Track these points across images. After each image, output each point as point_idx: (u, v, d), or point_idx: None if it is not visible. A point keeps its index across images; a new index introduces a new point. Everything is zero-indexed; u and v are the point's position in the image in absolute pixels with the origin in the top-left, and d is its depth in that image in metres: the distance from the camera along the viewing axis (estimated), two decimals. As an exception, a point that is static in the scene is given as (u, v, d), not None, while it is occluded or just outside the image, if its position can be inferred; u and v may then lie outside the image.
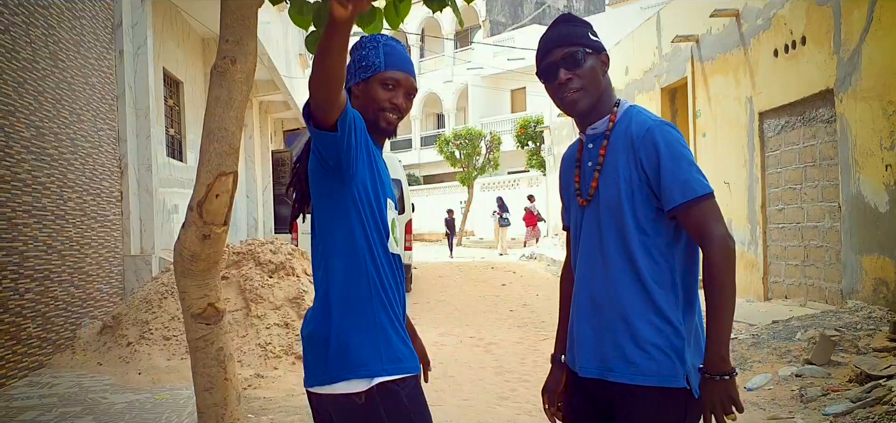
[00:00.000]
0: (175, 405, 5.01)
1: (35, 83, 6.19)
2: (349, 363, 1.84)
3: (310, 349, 1.93)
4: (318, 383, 1.88)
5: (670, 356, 1.83)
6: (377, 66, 2.01)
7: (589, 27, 2.03)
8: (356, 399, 1.83)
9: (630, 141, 1.91)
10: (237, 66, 3.17)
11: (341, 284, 1.89)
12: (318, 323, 1.91)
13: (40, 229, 6.21)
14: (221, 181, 3.10)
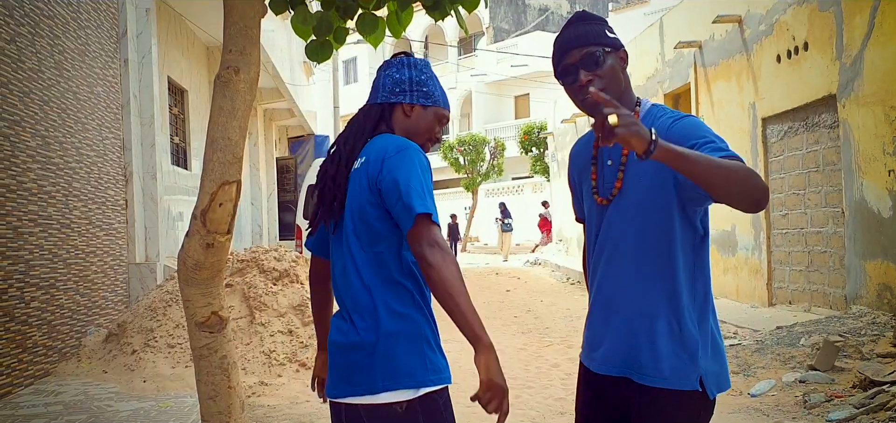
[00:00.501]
0: (179, 413, 5.03)
1: (40, 92, 6.23)
2: (396, 373, 1.87)
3: (347, 359, 1.94)
4: (358, 393, 1.90)
5: (683, 358, 1.84)
6: (436, 99, 2.13)
7: (605, 24, 2.01)
8: (397, 409, 1.86)
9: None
10: (240, 76, 3.19)
11: (389, 295, 1.93)
12: (362, 333, 1.92)
13: (46, 237, 6.24)
14: (225, 190, 3.12)
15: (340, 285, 2.03)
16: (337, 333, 2.01)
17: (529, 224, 25.71)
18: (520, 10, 34.97)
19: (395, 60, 2.16)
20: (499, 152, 27.78)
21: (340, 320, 2.02)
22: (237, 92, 3.18)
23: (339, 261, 2.04)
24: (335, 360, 1.98)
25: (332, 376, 1.99)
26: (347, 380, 1.92)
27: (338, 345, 1.98)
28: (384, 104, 2.10)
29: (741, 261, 9.94)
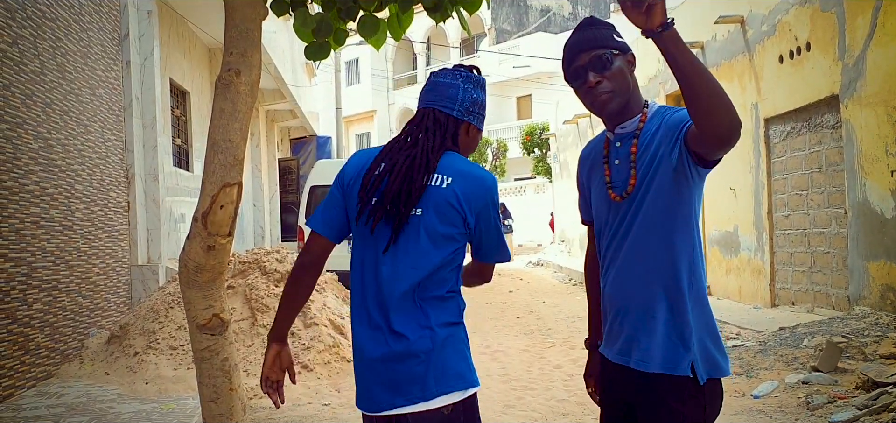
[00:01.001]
0: (181, 415, 5.03)
1: (43, 95, 6.24)
2: (448, 377, 1.95)
3: (396, 370, 1.95)
4: (412, 402, 1.93)
5: (676, 344, 1.92)
6: (481, 123, 2.18)
7: (613, 29, 2.08)
8: (444, 411, 1.94)
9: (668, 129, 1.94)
10: (241, 79, 3.20)
11: (443, 307, 2.00)
12: (417, 342, 1.95)
13: (48, 239, 6.25)
14: (226, 192, 3.12)
15: (383, 288, 1.99)
16: (376, 345, 1.98)
17: (532, 225, 25.69)
18: (522, 12, 34.96)
19: (474, 76, 2.15)
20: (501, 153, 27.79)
21: (375, 330, 1.99)
22: (238, 94, 3.19)
23: (382, 263, 2.00)
24: (376, 373, 1.97)
25: (373, 388, 1.98)
26: (397, 391, 1.94)
27: (381, 357, 1.97)
28: (459, 120, 2.10)
29: (744, 262, 9.92)
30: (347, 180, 2.09)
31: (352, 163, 2.12)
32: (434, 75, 2.16)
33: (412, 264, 1.98)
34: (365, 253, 2.05)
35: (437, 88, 2.12)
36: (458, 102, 2.09)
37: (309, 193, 11.03)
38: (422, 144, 2.03)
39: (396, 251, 1.99)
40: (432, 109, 2.09)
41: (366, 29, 3.58)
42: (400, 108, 37.37)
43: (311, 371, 5.93)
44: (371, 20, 3.54)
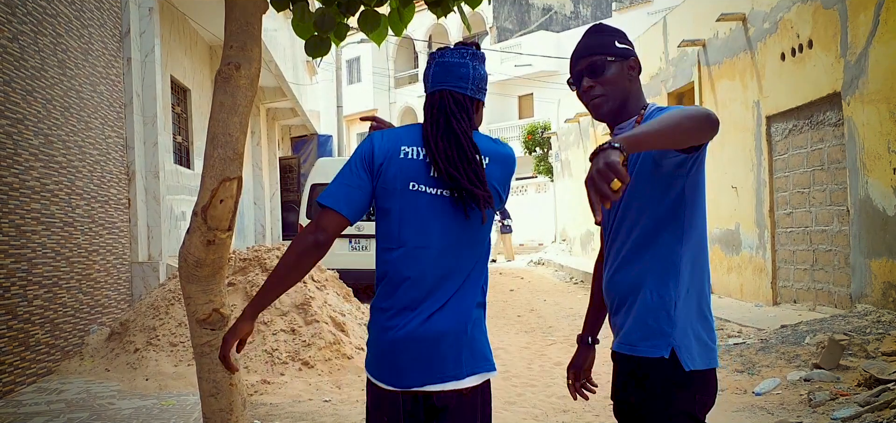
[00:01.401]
0: (181, 411, 5.02)
1: (44, 91, 6.23)
2: (478, 358, 2.06)
3: (441, 348, 2.01)
4: (443, 380, 2.01)
5: (653, 326, 1.97)
6: (485, 98, 2.26)
7: (616, 35, 2.14)
8: (464, 393, 2.03)
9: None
10: (241, 72, 3.18)
11: (473, 287, 2.08)
12: (454, 323, 2.03)
13: (49, 236, 6.24)
14: (226, 186, 3.11)
15: (432, 269, 2.03)
16: (408, 323, 2.02)
17: (533, 224, 25.68)
18: (523, 10, 34.93)
19: (479, 52, 2.19)
20: (502, 152, 27.71)
21: (407, 310, 2.03)
22: (238, 88, 3.17)
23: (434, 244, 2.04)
24: (407, 351, 2.02)
25: (401, 366, 2.02)
26: (428, 369, 2.01)
27: (428, 333, 2.01)
28: (473, 99, 2.15)
29: (745, 260, 9.90)
30: (379, 163, 2.07)
31: (379, 146, 2.09)
32: (440, 54, 2.17)
33: (469, 243, 2.07)
34: (409, 234, 2.05)
35: (446, 68, 2.13)
36: (470, 80, 2.13)
37: (310, 191, 11.03)
38: (456, 128, 2.06)
39: (452, 232, 2.05)
40: (449, 91, 2.11)
41: (367, 24, 3.56)
42: (401, 106, 37.35)
43: (311, 368, 5.92)
44: (372, 15, 3.53)
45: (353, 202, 2.05)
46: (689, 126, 1.79)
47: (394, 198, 2.06)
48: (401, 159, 2.06)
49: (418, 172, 2.05)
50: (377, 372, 2.08)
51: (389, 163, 2.06)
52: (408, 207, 2.05)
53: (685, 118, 1.78)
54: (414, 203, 2.05)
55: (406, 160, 2.06)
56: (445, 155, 2.03)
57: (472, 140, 2.06)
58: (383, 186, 2.06)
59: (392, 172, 2.05)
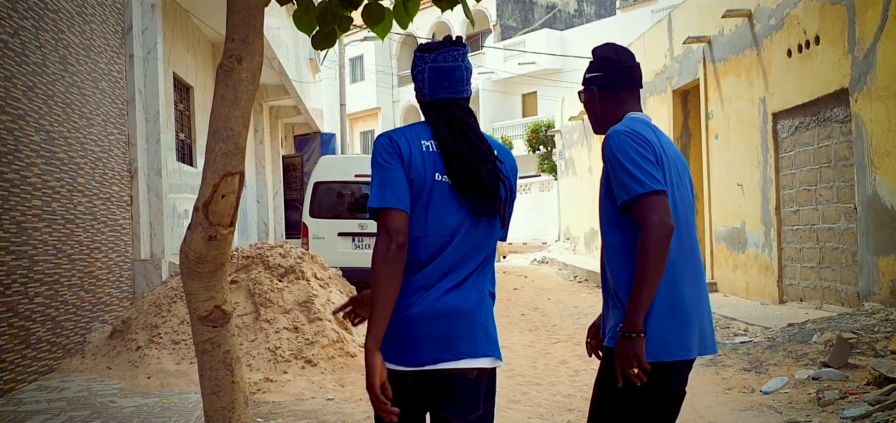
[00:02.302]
0: (183, 410, 4.98)
1: (45, 87, 6.19)
2: (492, 342, 2.14)
3: (457, 324, 2.08)
4: (458, 357, 2.07)
5: (613, 321, 2.28)
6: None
7: (592, 62, 2.50)
8: (470, 375, 2.09)
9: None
10: (243, 65, 3.14)
11: (485, 275, 2.19)
12: (471, 302, 2.11)
13: (50, 233, 6.20)
14: (227, 181, 3.07)
15: (444, 254, 2.11)
16: (425, 299, 2.08)
17: (536, 223, 25.61)
18: (527, 8, 34.85)
19: (466, 48, 2.27)
20: (506, 151, 27.63)
21: (423, 289, 2.09)
22: (240, 81, 3.13)
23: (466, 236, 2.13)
24: (423, 326, 2.06)
25: (415, 342, 2.06)
26: (443, 345, 2.06)
27: (433, 311, 2.07)
28: (469, 97, 2.27)
29: (751, 258, 9.84)
30: (407, 155, 2.13)
31: (401, 140, 2.16)
32: (431, 59, 2.19)
33: (483, 234, 2.16)
34: (433, 221, 2.12)
35: (443, 73, 2.18)
36: (465, 81, 2.22)
37: (313, 188, 10.98)
38: (471, 134, 2.17)
39: (469, 222, 2.13)
40: (453, 100, 2.19)
41: (371, 17, 3.51)
42: (404, 105, 37.28)
43: (315, 366, 5.87)
44: (376, 8, 3.47)
45: (402, 194, 2.09)
46: (658, 262, 2.14)
47: (423, 187, 2.11)
48: (424, 152, 2.13)
49: (440, 164, 2.13)
50: (389, 353, 2.07)
51: (415, 154, 2.12)
52: (434, 196, 2.11)
53: (652, 263, 2.14)
54: (440, 192, 2.12)
55: (429, 153, 2.13)
56: (467, 164, 2.12)
57: (487, 144, 2.18)
58: (414, 176, 2.11)
59: (420, 163, 2.12)
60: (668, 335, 2.20)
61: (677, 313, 2.22)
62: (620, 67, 2.43)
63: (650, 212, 2.16)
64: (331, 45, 3.62)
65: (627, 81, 2.43)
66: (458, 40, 2.24)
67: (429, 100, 2.19)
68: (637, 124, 2.33)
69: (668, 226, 2.15)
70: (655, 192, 2.17)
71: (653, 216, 2.15)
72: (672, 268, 2.22)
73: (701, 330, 2.30)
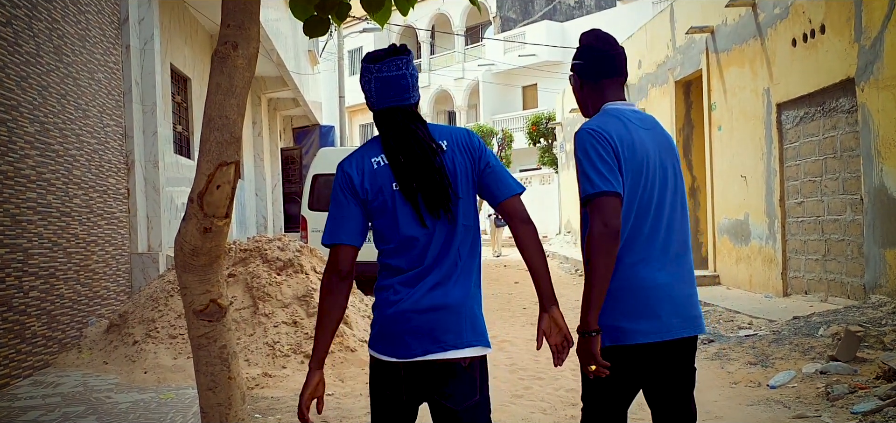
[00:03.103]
0: (180, 405, 4.89)
1: (39, 78, 6.09)
2: (478, 332, 2.23)
3: (442, 319, 2.19)
4: (444, 349, 2.18)
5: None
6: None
7: (577, 47, 2.57)
8: (463, 363, 2.20)
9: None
10: (238, 52, 3.05)
11: (468, 266, 2.26)
12: (458, 297, 2.21)
13: (45, 226, 6.11)
14: (222, 171, 2.99)
15: (419, 256, 2.22)
16: (411, 296, 2.19)
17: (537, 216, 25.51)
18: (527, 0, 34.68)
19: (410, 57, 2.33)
20: (507, 144, 27.58)
21: (407, 286, 2.21)
22: (235, 68, 3.05)
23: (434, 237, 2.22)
24: (410, 321, 2.18)
25: (405, 336, 2.18)
26: (431, 339, 2.17)
27: (432, 305, 2.18)
28: (416, 103, 2.34)
29: (755, 250, 9.74)
30: (358, 183, 2.26)
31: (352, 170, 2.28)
32: (376, 69, 2.28)
33: (452, 230, 2.24)
34: (398, 230, 2.24)
35: (387, 83, 2.27)
36: (411, 89, 2.28)
37: (312, 181, 10.88)
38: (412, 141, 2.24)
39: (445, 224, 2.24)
40: (398, 108, 2.27)
41: (371, 4, 3.40)
42: (404, 98, 37.07)
43: (313, 361, 5.78)
44: None
45: (352, 231, 2.25)
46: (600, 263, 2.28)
47: (384, 201, 2.24)
48: (376, 170, 2.26)
49: (391, 176, 2.25)
50: (380, 346, 2.23)
51: (367, 178, 2.25)
52: (398, 205, 2.23)
53: (594, 263, 2.28)
54: (401, 201, 2.23)
55: (379, 168, 2.25)
56: (412, 171, 2.22)
57: (429, 145, 2.24)
58: (371, 198, 2.25)
59: (372, 184, 2.25)
60: (624, 322, 2.33)
61: (637, 300, 2.33)
62: (601, 55, 2.48)
63: (596, 213, 2.28)
64: (323, 33, 3.52)
65: (609, 68, 2.48)
66: (402, 48, 2.32)
67: (376, 109, 2.30)
68: (606, 118, 2.40)
69: (610, 228, 2.26)
70: (604, 193, 2.27)
71: (597, 218, 2.27)
72: (633, 256, 2.33)
73: (677, 313, 2.37)
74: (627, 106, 2.48)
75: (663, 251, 2.38)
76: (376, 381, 2.27)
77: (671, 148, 2.48)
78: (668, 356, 2.40)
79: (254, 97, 15.74)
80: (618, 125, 2.37)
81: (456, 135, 2.32)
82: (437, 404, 2.23)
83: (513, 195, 2.27)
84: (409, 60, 2.29)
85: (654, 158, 2.39)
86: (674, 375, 2.45)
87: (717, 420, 4.53)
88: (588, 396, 2.47)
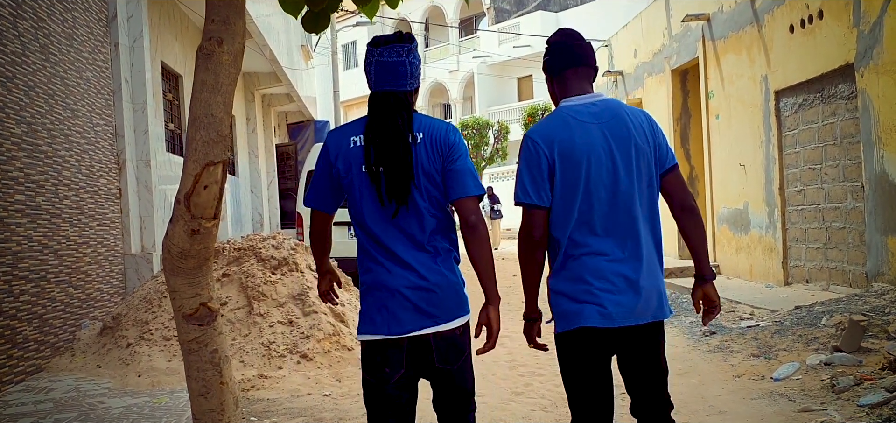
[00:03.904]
0: (174, 410, 4.79)
1: (25, 78, 5.97)
2: (463, 304, 2.54)
3: (433, 297, 2.46)
4: (438, 323, 2.47)
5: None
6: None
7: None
8: (456, 331, 2.52)
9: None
10: (223, 48, 2.97)
11: (445, 245, 2.53)
12: (445, 276, 2.50)
13: (35, 228, 6.00)
14: (209, 171, 2.91)
15: (392, 236, 2.47)
16: (399, 280, 2.46)
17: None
18: (521, -9, 34.49)
19: (412, 45, 2.52)
20: (502, 136, 27.45)
21: (401, 268, 2.46)
22: (220, 65, 2.96)
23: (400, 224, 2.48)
24: (400, 302, 2.45)
25: (398, 315, 2.45)
26: (424, 315, 2.46)
27: (423, 285, 2.46)
28: (411, 92, 2.53)
29: (755, 239, 9.66)
30: (333, 158, 2.52)
31: (332, 145, 2.54)
32: (378, 53, 2.46)
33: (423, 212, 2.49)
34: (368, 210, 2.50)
35: (386, 68, 2.45)
36: (408, 76, 2.47)
37: (307, 177, 10.78)
38: (391, 126, 2.44)
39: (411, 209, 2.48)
40: (392, 92, 2.46)
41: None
42: (399, 91, 36.92)
43: (310, 361, 5.69)
44: None
45: (323, 199, 2.59)
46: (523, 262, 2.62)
47: (348, 182, 2.49)
48: (351, 149, 2.48)
49: (361, 158, 2.47)
50: (373, 327, 2.48)
51: (342, 154, 2.49)
52: (363, 187, 2.47)
53: (520, 262, 2.63)
54: (364, 183, 2.47)
55: (354, 148, 2.47)
56: (380, 157, 2.43)
57: (403, 134, 2.43)
58: (342, 175, 2.49)
59: (344, 162, 2.48)
60: (572, 307, 2.54)
61: (582, 289, 2.52)
62: (562, 47, 2.62)
63: (523, 221, 2.57)
64: (324, 28, 3.45)
65: (569, 58, 2.59)
66: (407, 36, 2.49)
67: (372, 90, 2.49)
68: (551, 122, 2.55)
69: (532, 237, 2.54)
70: (530, 205, 2.51)
71: (523, 226, 2.56)
72: (580, 248, 2.52)
73: (624, 301, 2.48)
74: (585, 100, 2.55)
75: (615, 241, 2.50)
76: (371, 360, 2.50)
77: (628, 137, 2.49)
78: (623, 342, 2.54)
79: (247, 93, 15.60)
80: (560, 127, 2.50)
81: (435, 129, 2.47)
82: (431, 368, 2.52)
83: (465, 196, 2.45)
84: (411, 49, 2.45)
85: (602, 152, 2.47)
86: (634, 361, 2.58)
87: (721, 415, 4.45)
88: (566, 382, 2.71)
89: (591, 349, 2.54)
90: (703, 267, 2.59)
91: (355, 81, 37.22)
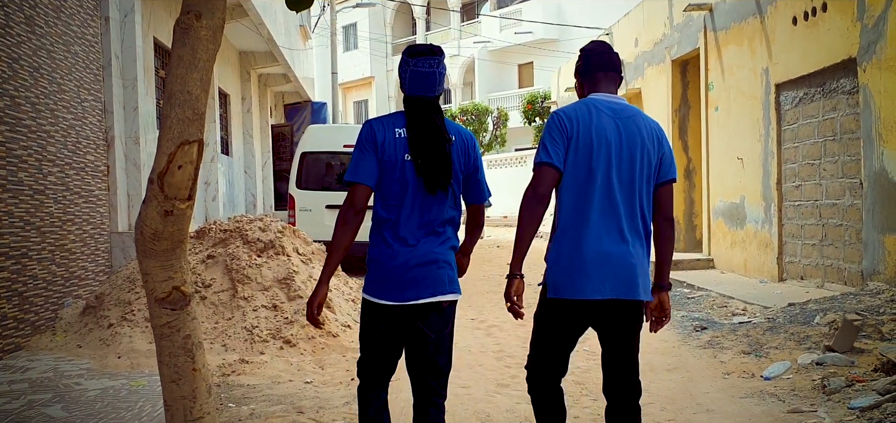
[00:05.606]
0: (151, 393, 4.69)
1: (8, 50, 5.83)
2: (454, 284, 2.86)
3: (435, 270, 2.79)
4: (436, 294, 2.79)
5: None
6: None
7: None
8: (444, 305, 2.82)
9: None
10: (202, 22, 2.86)
11: (451, 232, 2.89)
12: (444, 253, 2.83)
13: (16, 204, 5.88)
14: (184, 151, 2.81)
15: (416, 217, 2.80)
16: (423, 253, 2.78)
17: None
18: (523, -23, 34.21)
19: (441, 57, 2.89)
20: (502, 123, 27.31)
21: (403, 244, 2.78)
22: (198, 40, 2.85)
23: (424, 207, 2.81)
24: (401, 275, 2.76)
25: (402, 284, 2.76)
26: (423, 285, 2.77)
27: (429, 259, 2.78)
28: (439, 96, 2.91)
29: (750, 234, 9.57)
30: (380, 141, 2.81)
31: (378, 129, 2.84)
32: (413, 64, 2.83)
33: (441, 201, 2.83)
34: (402, 192, 2.80)
35: (420, 77, 2.83)
36: (437, 84, 2.86)
37: (300, 159, 10.65)
38: (431, 128, 2.80)
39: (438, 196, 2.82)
40: (427, 98, 2.84)
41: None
42: (398, 74, 36.71)
43: (293, 347, 5.59)
44: None
45: (369, 173, 2.79)
46: (523, 217, 2.82)
47: (395, 165, 2.78)
48: (396, 139, 2.80)
49: (408, 148, 2.79)
50: (378, 292, 2.80)
51: (389, 140, 2.79)
52: (406, 173, 2.78)
53: (520, 218, 2.83)
54: (409, 170, 2.78)
55: (400, 138, 2.80)
56: (425, 150, 2.77)
57: (444, 134, 2.80)
58: (386, 157, 2.78)
59: (392, 148, 2.79)
60: (560, 279, 2.80)
61: (574, 264, 2.77)
62: (593, 53, 2.95)
63: (533, 178, 2.81)
64: (307, 7, 3.32)
65: (600, 62, 2.92)
66: (437, 49, 2.90)
67: (408, 95, 2.85)
68: (577, 105, 2.85)
69: (537, 193, 2.77)
70: (541, 163, 2.78)
71: (532, 182, 2.81)
72: (581, 226, 2.78)
73: (610, 278, 2.74)
74: (609, 98, 2.87)
75: (610, 223, 2.76)
76: (370, 321, 2.85)
77: (639, 137, 2.79)
78: (602, 315, 2.81)
79: (243, 72, 15.43)
80: (584, 111, 2.82)
81: (461, 136, 2.89)
82: (417, 329, 2.82)
83: (482, 203, 2.99)
84: (440, 60, 2.86)
85: (613, 141, 2.77)
86: (610, 334, 2.86)
87: (708, 414, 4.36)
88: (537, 329, 2.96)
89: (572, 317, 2.84)
90: (664, 276, 2.89)
91: (355, 63, 36.98)
